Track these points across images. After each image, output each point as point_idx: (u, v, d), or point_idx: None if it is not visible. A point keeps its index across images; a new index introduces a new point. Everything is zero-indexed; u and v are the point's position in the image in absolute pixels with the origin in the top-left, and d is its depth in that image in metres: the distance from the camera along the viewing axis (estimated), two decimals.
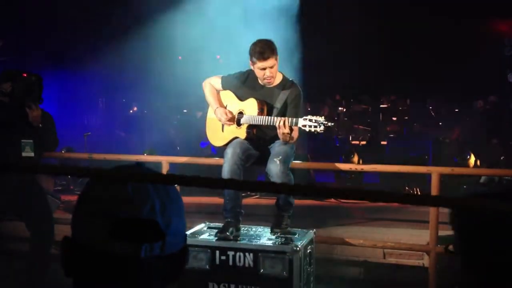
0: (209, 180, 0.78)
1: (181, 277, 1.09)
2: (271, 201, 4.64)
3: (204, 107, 4.43)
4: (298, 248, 3.63)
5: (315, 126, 3.70)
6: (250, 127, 4.04)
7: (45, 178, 5.95)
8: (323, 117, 3.74)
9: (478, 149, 8.04)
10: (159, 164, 4.86)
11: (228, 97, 4.21)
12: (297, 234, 3.95)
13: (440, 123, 11.70)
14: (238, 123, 4.09)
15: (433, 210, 4.25)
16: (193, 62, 7.99)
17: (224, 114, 4.08)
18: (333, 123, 3.91)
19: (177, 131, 10.38)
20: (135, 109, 12.94)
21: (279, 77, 4.07)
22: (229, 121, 4.09)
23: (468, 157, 7.61)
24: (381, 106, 12.81)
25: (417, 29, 12.57)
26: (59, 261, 1.06)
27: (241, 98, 4.12)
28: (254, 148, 4.06)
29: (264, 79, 3.99)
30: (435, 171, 4.35)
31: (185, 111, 11.72)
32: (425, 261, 4.49)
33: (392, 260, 4.67)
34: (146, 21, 8.99)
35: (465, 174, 6.18)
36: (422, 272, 4.40)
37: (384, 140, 9.93)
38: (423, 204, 0.78)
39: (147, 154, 7.28)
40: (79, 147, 8.39)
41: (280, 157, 3.86)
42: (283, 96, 4.00)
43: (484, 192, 1.26)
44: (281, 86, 4.05)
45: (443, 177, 4.40)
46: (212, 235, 3.90)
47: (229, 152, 3.93)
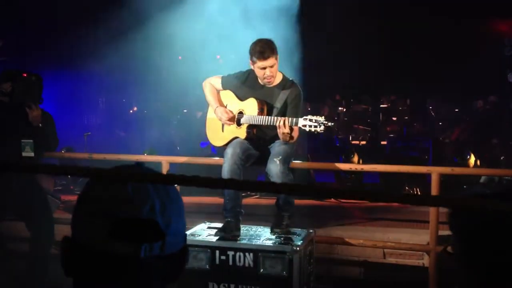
0: (209, 180, 0.78)
1: (181, 277, 1.09)
2: (271, 201, 4.64)
3: (204, 107, 4.43)
4: (298, 248, 3.63)
5: (315, 126, 3.70)
6: (250, 127, 4.04)
7: (45, 178, 5.94)
8: (323, 117, 3.74)
9: (478, 149, 8.03)
10: (159, 164, 4.86)
11: (228, 97, 4.20)
12: (297, 234, 3.95)
13: (440, 123, 11.70)
14: (238, 123, 4.09)
15: (433, 210, 4.25)
16: (193, 62, 7.99)
17: (225, 113, 4.07)
18: (333, 123, 3.91)
19: (177, 131, 10.37)
20: (135, 109, 12.94)
21: (279, 77, 4.07)
22: (229, 121, 4.09)
23: (468, 157, 7.61)
24: (381, 106, 12.81)
25: (417, 29, 12.56)
26: (59, 261, 1.06)
27: (241, 98, 4.12)
28: (254, 148, 4.06)
29: (264, 79, 3.99)
30: (435, 171, 4.35)
31: (185, 111, 11.71)
32: (425, 261, 4.49)
33: (392, 260, 4.67)
34: (146, 21, 8.97)
35: (465, 174, 6.18)
36: (422, 272, 4.40)
37: (384, 140, 9.92)
38: (423, 204, 0.78)
39: (147, 154, 7.28)
40: (79, 147, 8.38)
41: (280, 157, 3.87)
42: (283, 96, 4.00)
43: (484, 192, 1.25)
44: (281, 86, 4.05)
45: (443, 177, 4.40)
46: (212, 235, 3.90)
47: (229, 152, 3.93)
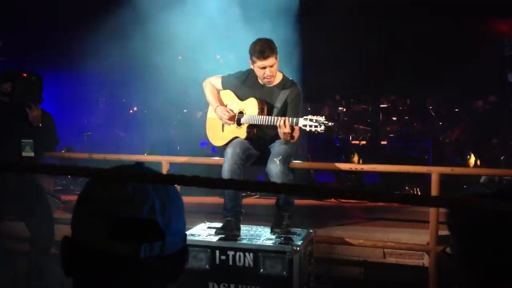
0: (209, 180, 0.78)
1: (181, 277, 1.09)
2: (271, 201, 4.64)
3: (204, 107, 4.43)
4: (298, 248, 3.63)
5: (316, 126, 3.70)
6: (250, 127, 4.03)
7: (45, 178, 5.94)
8: (324, 117, 3.74)
9: (478, 149, 8.03)
10: (159, 164, 4.86)
11: (228, 97, 4.20)
12: (297, 234, 3.95)
13: (440, 123, 11.70)
14: (238, 123, 4.09)
15: (433, 210, 4.25)
16: (193, 62, 7.99)
17: (226, 112, 4.07)
18: (333, 123, 3.91)
19: (177, 131, 10.37)
20: (135, 109, 12.93)
21: (279, 77, 4.07)
22: (230, 120, 4.08)
23: (468, 157, 7.61)
24: (381, 106, 12.81)
25: (417, 29, 12.56)
26: (59, 261, 1.06)
27: (241, 98, 4.12)
28: (254, 148, 4.06)
29: (264, 78, 3.99)
30: (435, 171, 4.35)
31: (185, 111, 11.71)
32: (425, 261, 4.49)
33: (392, 260, 4.67)
34: (146, 21, 8.97)
35: (465, 174, 6.17)
36: (422, 272, 4.40)
37: (384, 140, 9.91)
38: (423, 204, 0.78)
39: (147, 154, 7.28)
40: (79, 147, 8.38)
41: (280, 157, 3.86)
42: (283, 96, 4.00)
43: (484, 192, 1.25)
44: (281, 86, 4.05)
45: (443, 177, 4.40)
46: (212, 235, 3.90)
47: (229, 152, 3.93)
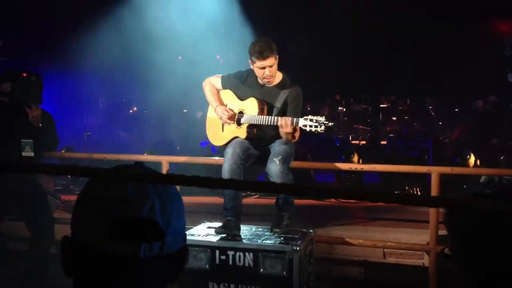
0: (209, 180, 0.78)
1: (181, 277, 1.09)
2: (271, 201, 4.63)
3: (204, 107, 4.43)
4: (298, 248, 3.63)
5: (316, 126, 3.69)
6: (250, 127, 4.03)
7: (45, 178, 5.94)
8: (324, 117, 3.74)
9: (478, 149, 8.03)
10: (159, 164, 4.86)
11: (228, 97, 4.19)
12: (297, 234, 3.94)
13: (440, 123, 11.71)
14: (238, 123, 4.08)
15: (433, 210, 4.25)
16: (193, 62, 7.99)
17: (225, 112, 4.06)
18: (333, 123, 3.91)
19: (177, 131, 10.38)
20: (135, 109, 12.94)
21: (279, 77, 4.07)
22: (230, 119, 4.07)
23: (468, 157, 7.60)
24: (381, 106, 12.82)
25: (417, 29, 12.56)
26: (59, 261, 1.06)
27: (241, 98, 4.11)
28: (254, 148, 4.05)
29: (264, 78, 3.98)
30: (435, 171, 4.35)
31: (185, 111, 11.72)
32: (425, 261, 4.49)
33: (392, 260, 4.67)
34: (147, 21, 8.98)
35: (465, 174, 6.17)
36: (422, 272, 4.40)
37: (384, 140, 9.92)
38: (423, 205, 0.78)
39: (147, 154, 7.27)
40: (79, 147, 8.39)
41: (280, 157, 3.86)
42: (283, 96, 3.99)
43: (484, 192, 1.25)
44: (281, 86, 4.04)
45: (443, 177, 4.40)
46: (212, 235, 3.90)
47: (229, 152, 3.93)
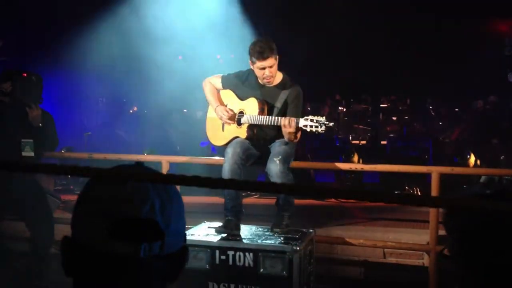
0: (209, 180, 0.78)
1: (181, 277, 1.09)
2: (271, 201, 4.64)
3: (204, 107, 4.43)
4: (298, 248, 3.63)
5: (316, 126, 3.70)
6: (251, 127, 4.03)
7: (45, 178, 5.94)
8: (324, 117, 3.74)
9: (478, 149, 8.03)
10: (159, 164, 4.86)
11: (228, 97, 4.19)
12: (297, 234, 3.94)
13: (440, 123, 11.70)
14: (239, 123, 4.08)
15: (433, 210, 4.25)
16: (193, 62, 7.99)
17: (225, 112, 4.06)
18: (333, 123, 3.91)
19: (177, 131, 10.37)
20: (135, 109, 12.93)
21: (279, 77, 4.07)
22: (230, 119, 4.07)
23: (468, 157, 7.61)
24: (381, 106, 12.82)
25: (417, 29, 12.56)
26: (59, 261, 1.06)
27: (242, 98, 4.11)
28: (255, 148, 4.05)
29: (264, 79, 3.98)
30: (435, 171, 4.35)
31: (185, 111, 11.71)
32: (425, 261, 4.49)
33: (392, 260, 4.67)
34: (147, 21, 8.97)
35: (465, 174, 6.17)
36: (422, 272, 4.40)
37: (384, 140, 9.92)
38: (423, 205, 0.78)
39: (147, 154, 7.27)
40: (79, 147, 8.38)
41: (280, 157, 3.86)
42: (284, 96, 3.99)
43: (484, 192, 1.25)
44: (282, 86, 4.04)
45: (443, 177, 4.40)
46: (212, 235, 3.90)
47: (230, 152, 3.93)
